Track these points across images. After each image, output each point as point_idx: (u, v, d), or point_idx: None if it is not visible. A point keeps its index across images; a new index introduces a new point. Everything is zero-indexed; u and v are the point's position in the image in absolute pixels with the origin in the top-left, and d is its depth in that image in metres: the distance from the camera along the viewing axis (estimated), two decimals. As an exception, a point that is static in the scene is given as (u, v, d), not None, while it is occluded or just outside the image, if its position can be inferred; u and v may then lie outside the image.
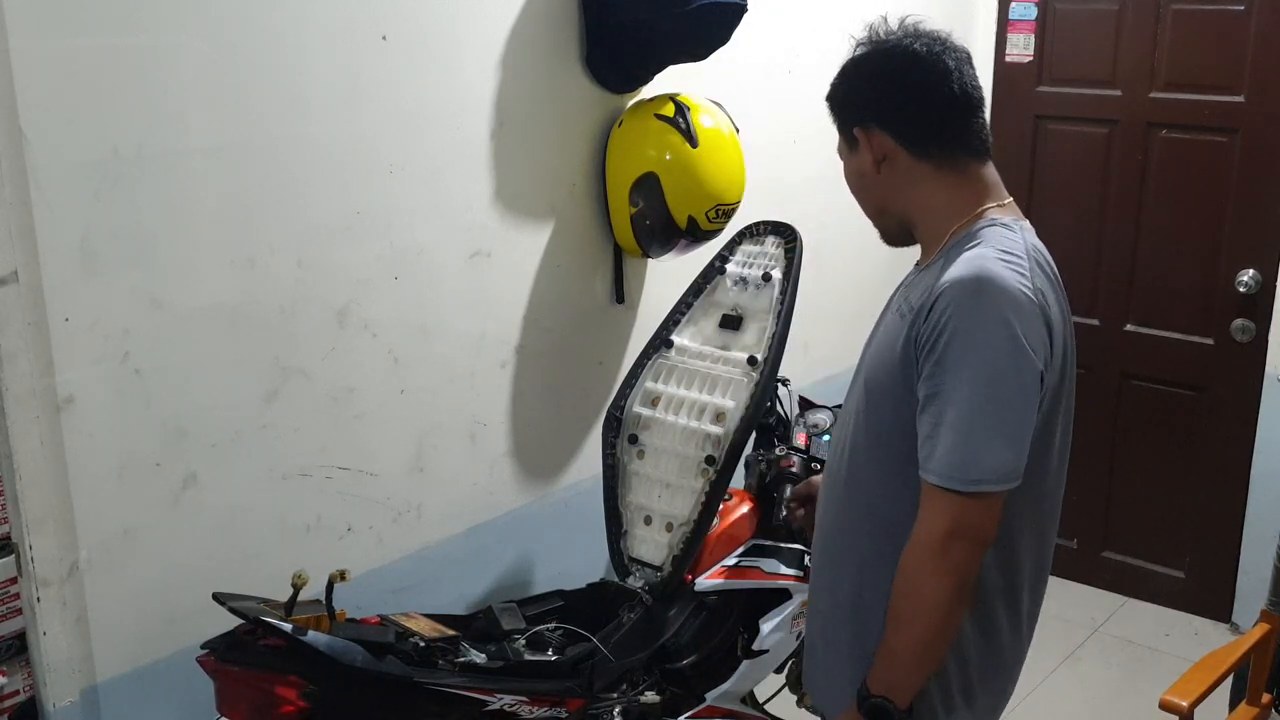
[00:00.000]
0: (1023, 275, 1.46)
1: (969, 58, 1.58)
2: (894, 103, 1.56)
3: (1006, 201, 1.59)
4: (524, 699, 1.83)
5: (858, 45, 1.60)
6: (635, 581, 2.16)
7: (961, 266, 1.46)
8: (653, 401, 2.24)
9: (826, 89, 1.63)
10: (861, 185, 1.62)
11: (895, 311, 1.57)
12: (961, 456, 1.42)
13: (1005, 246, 1.49)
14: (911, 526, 1.51)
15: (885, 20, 1.60)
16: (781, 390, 2.41)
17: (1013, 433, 1.44)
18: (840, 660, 1.66)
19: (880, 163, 1.57)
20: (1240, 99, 3.18)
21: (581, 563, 2.48)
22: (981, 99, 1.58)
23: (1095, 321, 3.51)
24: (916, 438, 1.48)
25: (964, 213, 1.56)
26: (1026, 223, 1.58)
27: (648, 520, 2.20)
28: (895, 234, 1.65)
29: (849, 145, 1.61)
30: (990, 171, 1.59)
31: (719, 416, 2.16)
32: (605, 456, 2.25)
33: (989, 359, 1.42)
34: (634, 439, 2.23)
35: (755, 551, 2.25)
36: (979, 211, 1.56)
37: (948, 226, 1.56)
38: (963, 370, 1.42)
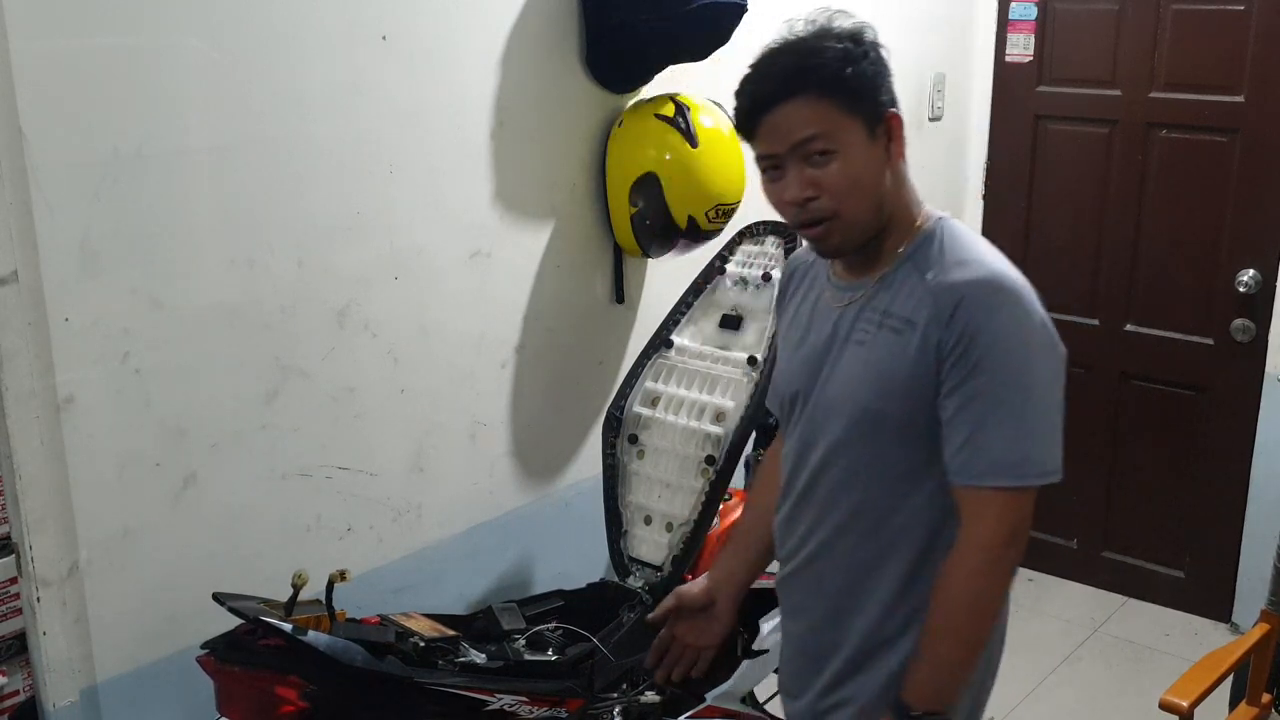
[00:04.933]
0: (1015, 268, 1.46)
1: None
2: (893, 93, 1.47)
3: None
4: (524, 699, 1.83)
5: (834, 26, 1.45)
6: (635, 581, 2.16)
7: (967, 269, 1.43)
8: (653, 401, 2.24)
9: (834, 64, 1.41)
10: (874, 178, 1.45)
11: (874, 326, 1.48)
12: (1021, 454, 1.40)
13: (979, 241, 1.49)
14: (905, 535, 1.50)
15: (826, 12, 1.47)
16: (781, 390, 2.41)
17: (1057, 424, 1.44)
18: (817, 666, 1.64)
19: (899, 152, 1.46)
20: (1240, 99, 3.18)
21: (581, 563, 2.48)
22: None
23: (1095, 321, 3.51)
24: (917, 450, 1.46)
25: (918, 212, 1.51)
26: None
27: (648, 520, 2.20)
28: (866, 238, 1.49)
29: (870, 130, 1.43)
30: None
31: (719, 416, 2.16)
32: (605, 456, 2.25)
33: (1030, 355, 1.41)
34: (634, 439, 2.24)
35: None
36: (925, 212, 1.52)
37: (907, 230, 1.49)
38: (1005, 370, 1.40)
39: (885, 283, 1.49)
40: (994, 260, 1.45)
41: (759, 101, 1.44)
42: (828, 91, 1.41)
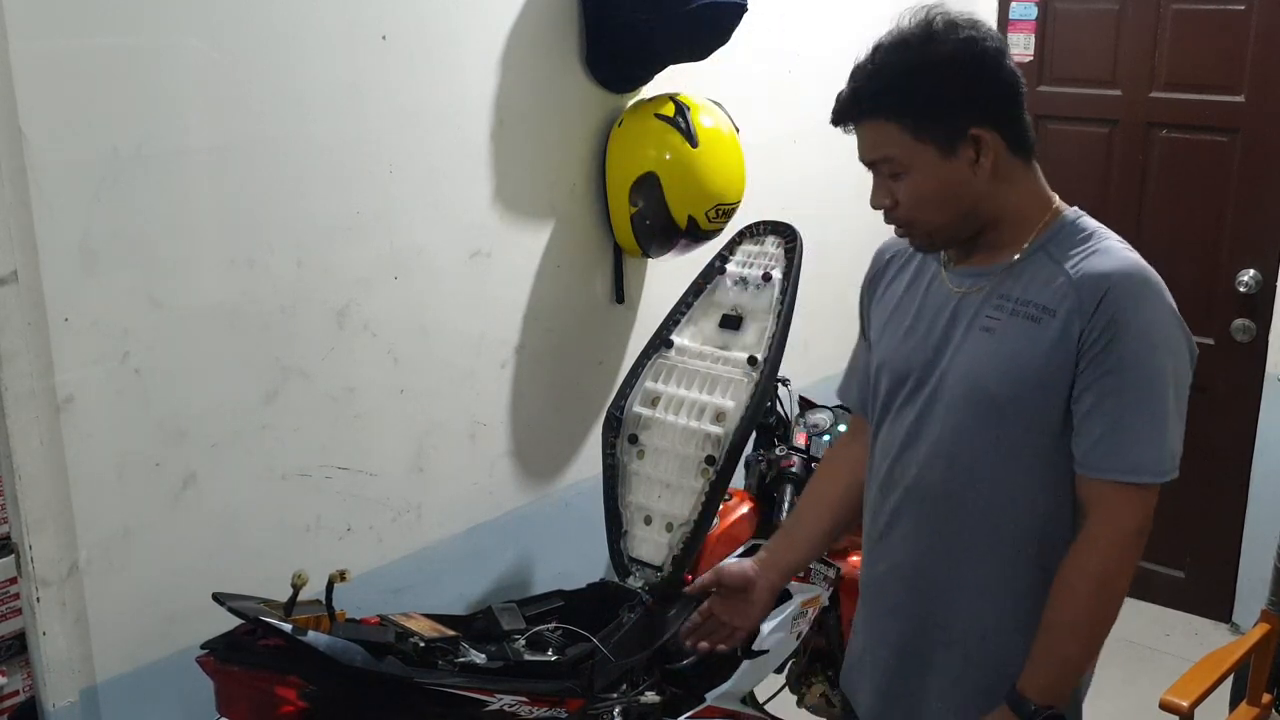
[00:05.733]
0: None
1: None
2: (995, 100, 1.46)
3: None
4: (524, 699, 1.82)
5: (924, 40, 1.44)
6: (635, 581, 2.16)
7: (1110, 260, 1.45)
8: (653, 401, 2.24)
9: (901, 94, 1.44)
10: (953, 192, 1.47)
11: (1005, 314, 1.48)
12: (1160, 450, 1.43)
13: (1114, 235, 1.51)
14: (1020, 523, 1.49)
15: (927, 10, 1.46)
16: (781, 390, 2.42)
17: (1183, 418, 1.46)
18: (923, 662, 1.61)
19: (992, 165, 1.45)
20: (1240, 99, 3.18)
21: (581, 563, 2.48)
22: None
23: (1095, 321, 3.51)
24: (1040, 439, 1.46)
25: (1047, 206, 1.53)
26: None
27: (648, 520, 2.20)
28: (958, 238, 1.52)
29: (946, 150, 1.44)
30: None
31: (719, 416, 2.15)
32: (605, 456, 2.25)
33: (1172, 351, 1.43)
34: (634, 439, 2.23)
35: (755, 551, 2.24)
36: (1056, 205, 1.54)
37: (1034, 222, 1.51)
38: (1148, 365, 1.41)
39: (1014, 271, 1.50)
40: (1133, 253, 1.48)
41: (839, 116, 1.51)
42: (895, 117, 1.44)
